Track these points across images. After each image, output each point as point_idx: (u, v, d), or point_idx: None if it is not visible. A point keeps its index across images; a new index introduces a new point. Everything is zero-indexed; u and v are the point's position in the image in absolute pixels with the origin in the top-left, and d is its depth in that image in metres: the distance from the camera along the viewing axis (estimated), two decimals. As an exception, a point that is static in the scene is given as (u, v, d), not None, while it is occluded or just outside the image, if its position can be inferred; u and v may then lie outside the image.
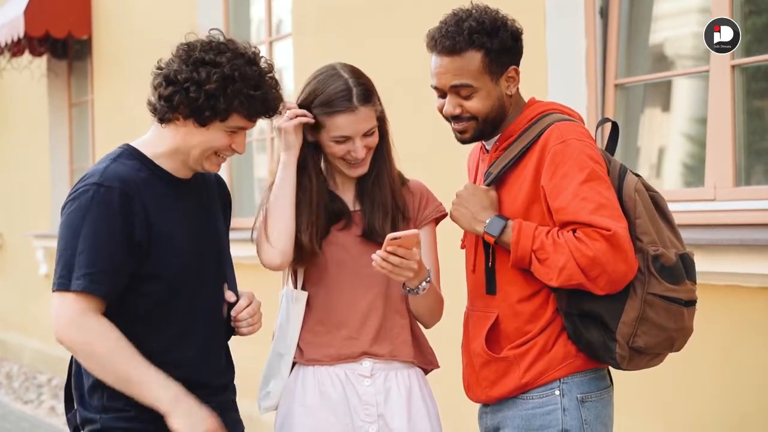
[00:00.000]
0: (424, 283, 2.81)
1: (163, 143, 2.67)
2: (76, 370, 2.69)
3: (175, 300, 2.65)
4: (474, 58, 2.70)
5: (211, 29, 2.69)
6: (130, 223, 2.57)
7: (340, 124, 2.83)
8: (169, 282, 2.63)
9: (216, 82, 2.54)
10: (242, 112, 2.60)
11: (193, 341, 2.68)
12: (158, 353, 2.62)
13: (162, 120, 2.63)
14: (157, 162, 2.67)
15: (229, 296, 2.79)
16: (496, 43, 2.70)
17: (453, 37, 2.69)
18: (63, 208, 2.63)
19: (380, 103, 2.91)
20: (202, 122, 2.60)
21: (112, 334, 2.54)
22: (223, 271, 2.80)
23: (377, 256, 2.70)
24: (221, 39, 2.63)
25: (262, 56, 2.67)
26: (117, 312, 2.59)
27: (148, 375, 2.54)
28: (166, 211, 2.64)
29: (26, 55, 9.71)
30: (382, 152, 2.95)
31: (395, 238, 2.67)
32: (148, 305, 2.62)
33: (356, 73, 2.89)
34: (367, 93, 2.86)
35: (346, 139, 2.84)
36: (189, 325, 2.68)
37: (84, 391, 2.65)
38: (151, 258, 2.60)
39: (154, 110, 2.64)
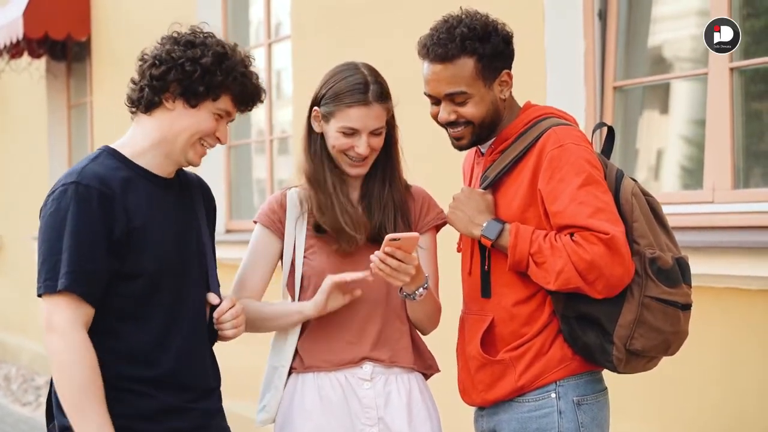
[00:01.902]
0: (421, 289, 2.81)
1: (145, 138, 2.67)
2: None
3: (155, 298, 2.63)
4: (467, 65, 2.70)
5: (191, 26, 2.72)
6: (110, 223, 2.55)
7: (352, 115, 2.84)
8: (149, 280, 2.61)
9: (212, 57, 2.59)
10: (234, 91, 2.63)
11: (174, 341, 2.65)
12: (139, 351, 2.61)
13: (149, 106, 2.64)
14: (138, 162, 2.66)
15: (212, 299, 2.76)
16: (488, 49, 2.70)
17: (445, 44, 2.69)
18: (42, 208, 2.61)
19: (392, 108, 2.92)
20: (194, 102, 2.62)
21: (86, 362, 2.50)
22: (206, 273, 2.78)
23: (375, 257, 2.70)
24: (202, 30, 2.70)
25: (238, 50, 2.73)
26: (99, 309, 2.57)
27: (94, 419, 2.49)
28: (147, 210, 2.62)
29: (25, 57, 9.72)
30: (390, 156, 2.96)
31: (395, 239, 2.66)
32: (128, 303, 2.60)
33: (375, 73, 2.91)
34: (382, 92, 2.87)
35: (353, 132, 2.85)
36: (170, 324, 2.65)
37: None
38: (130, 256, 2.58)
39: (138, 100, 2.66)
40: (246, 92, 2.67)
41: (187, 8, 7.70)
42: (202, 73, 2.59)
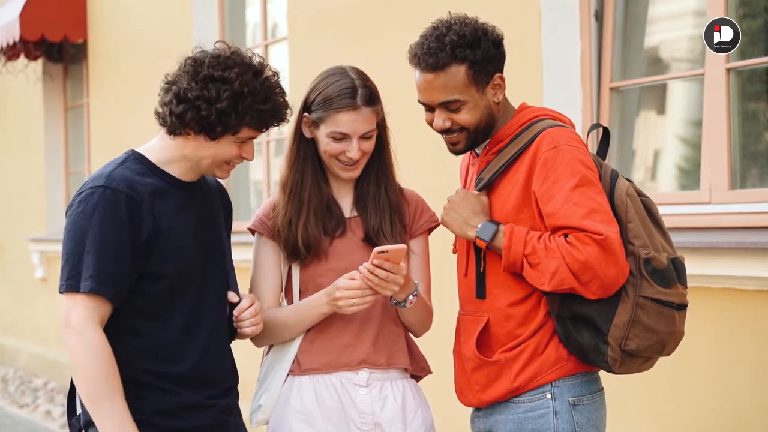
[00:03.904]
0: (411, 297, 2.82)
1: (170, 151, 2.71)
2: None
3: (178, 298, 2.68)
4: (458, 72, 2.69)
5: (216, 42, 2.72)
6: (137, 225, 2.60)
7: (341, 120, 2.83)
8: (173, 281, 2.66)
9: (226, 100, 2.59)
10: (252, 125, 2.65)
11: (196, 339, 2.71)
12: (162, 349, 2.67)
13: (172, 133, 2.68)
14: (163, 168, 2.71)
15: (232, 297, 2.82)
16: (479, 54, 2.69)
17: (435, 53, 2.68)
18: (68, 209, 2.66)
19: (382, 110, 2.91)
20: (213, 137, 2.65)
21: (102, 359, 2.55)
22: (226, 273, 2.84)
23: (363, 268, 2.71)
24: (227, 52, 2.66)
25: (267, 64, 2.70)
26: (123, 308, 2.62)
27: (113, 415, 2.54)
28: (172, 214, 2.68)
29: (22, 59, 9.72)
30: (382, 159, 2.96)
31: (382, 252, 2.67)
32: (152, 303, 2.65)
33: (363, 76, 2.90)
34: (371, 95, 2.87)
35: (343, 136, 2.84)
36: (192, 322, 2.70)
37: None
38: (155, 257, 2.64)
39: (164, 122, 2.68)
40: (266, 122, 2.68)
41: (183, 10, 7.70)
42: (218, 116, 2.60)
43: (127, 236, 2.58)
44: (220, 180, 2.90)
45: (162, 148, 2.72)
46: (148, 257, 2.62)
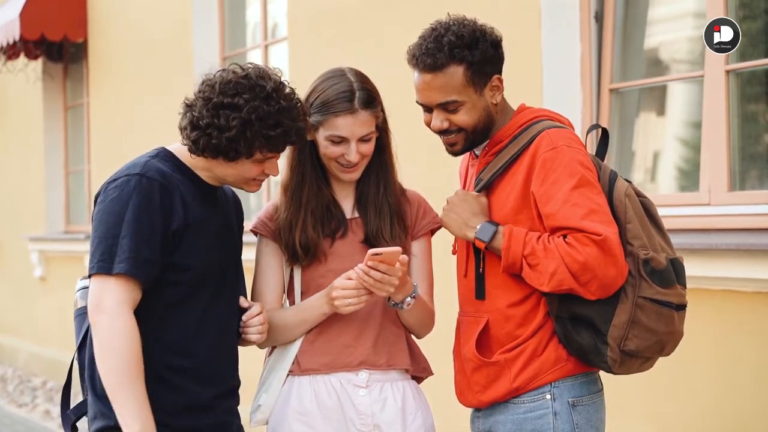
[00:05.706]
0: (408, 299, 2.82)
1: (197, 160, 2.75)
2: (90, 362, 2.71)
3: (198, 292, 2.72)
4: (456, 73, 2.70)
5: (231, 63, 2.74)
6: (168, 215, 2.65)
7: (339, 124, 2.83)
8: (196, 274, 2.70)
9: (235, 128, 2.62)
10: (265, 150, 2.68)
11: (208, 336, 2.74)
12: (176, 341, 2.69)
13: (193, 153, 2.72)
14: (191, 169, 2.76)
15: (243, 302, 2.85)
16: (477, 55, 2.69)
17: (433, 54, 2.68)
18: (98, 195, 2.70)
19: (383, 111, 2.91)
20: (229, 160, 2.69)
21: (133, 343, 2.57)
22: (238, 278, 2.88)
23: (359, 269, 2.72)
24: (240, 75, 2.66)
25: (283, 82, 2.71)
26: (146, 298, 2.65)
27: (136, 398, 2.56)
28: (199, 210, 2.72)
29: (22, 58, 9.71)
30: (383, 161, 2.96)
31: (377, 254, 2.68)
32: (175, 294, 2.68)
33: (362, 78, 2.89)
34: (370, 98, 2.86)
35: (341, 140, 2.84)
36: (207, 318, 2.73)
37: (96, 381, 2.68)
38: (182, 249, 2.67)
39: (184, 144, 2.73)
40: (277, 146, 2.71)
41: (183, 10, 7.70)
42: (228, 143, 2.64)
43: (159, 224, 2.63)
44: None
45: (188, 155, 2.77)
46: (175, 248, 2.66)
